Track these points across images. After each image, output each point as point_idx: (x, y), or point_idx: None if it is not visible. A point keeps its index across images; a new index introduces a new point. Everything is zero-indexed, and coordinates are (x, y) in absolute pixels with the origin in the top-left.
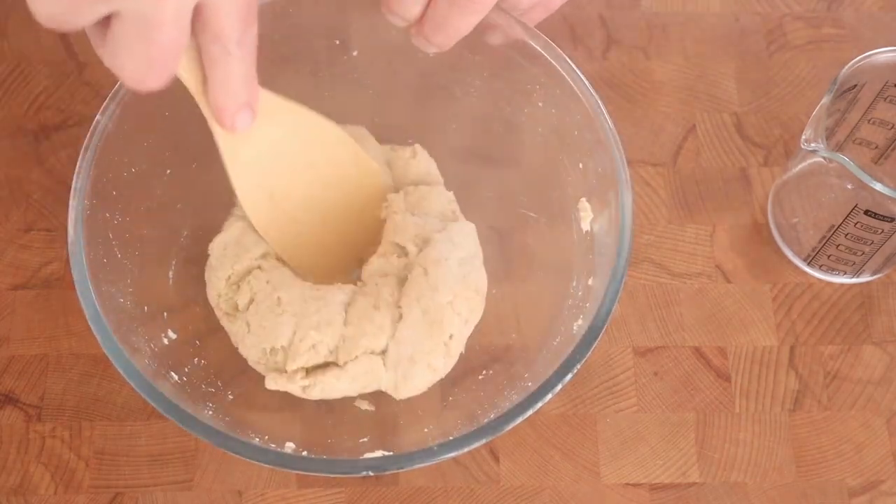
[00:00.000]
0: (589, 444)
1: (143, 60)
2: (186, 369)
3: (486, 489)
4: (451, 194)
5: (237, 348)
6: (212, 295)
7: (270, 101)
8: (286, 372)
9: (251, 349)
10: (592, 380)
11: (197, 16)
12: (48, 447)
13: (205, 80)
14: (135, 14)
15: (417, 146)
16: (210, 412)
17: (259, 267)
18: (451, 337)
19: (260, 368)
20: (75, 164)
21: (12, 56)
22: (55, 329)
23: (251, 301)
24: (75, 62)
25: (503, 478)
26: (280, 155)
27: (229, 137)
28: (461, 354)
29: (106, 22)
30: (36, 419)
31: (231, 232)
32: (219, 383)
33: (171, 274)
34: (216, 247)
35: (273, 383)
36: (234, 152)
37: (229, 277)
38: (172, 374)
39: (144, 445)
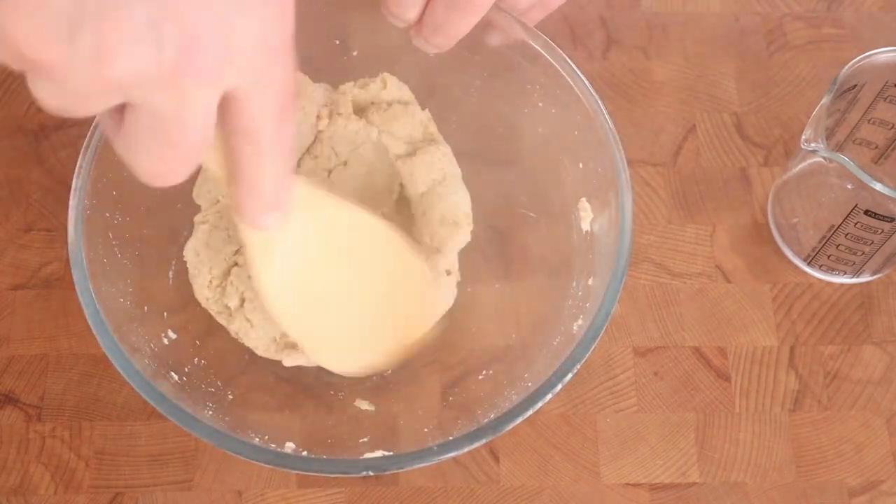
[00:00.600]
0: (589, 444)
1: (161, 159)
2: (186, 369)
3: (486, 489)
4: (426, 114)
5: (241, 342)
6: (200, 299)
7: (305, 194)
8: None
9: (259, 341)
10: (592, 380)
11: (224, 105)
12: (48, 447)
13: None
14: (153, 111)
15: (386, 74)
16: (210, 412)
17: (236, 264)
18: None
19: (270, 354)
20: (75, 164)
21: None
22: (55, 329)
23: (242, 300)
24: None
25: (503, 478)
26: (313, 251)
27: (257, 234)
28: (467, 349)
29: (120, 108)
30: (36, 419)
31: (199, 237)
32: (218, 383)
33: (171, 274)
34: (189, 253)
35: (292, 360)
36: (262, 249)
37: (210, 282)
38: (172, 374)
39: (144, 445)
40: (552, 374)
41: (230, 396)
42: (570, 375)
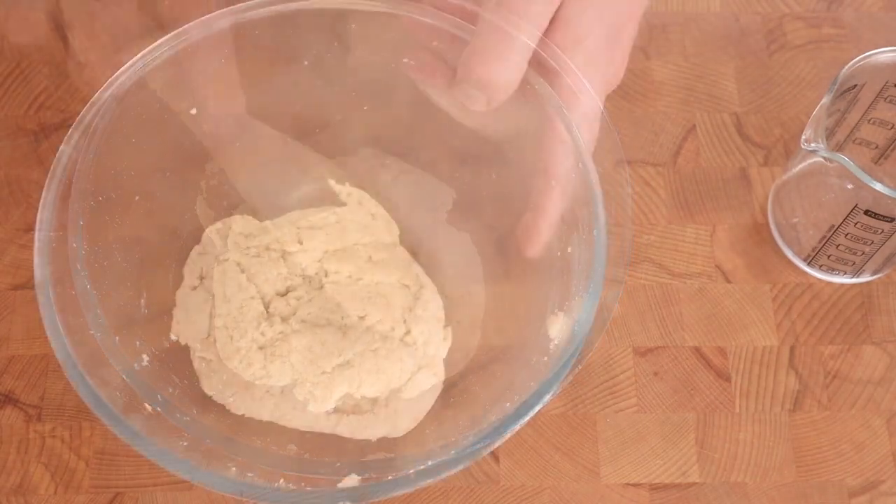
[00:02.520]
0: (589, 444)
1: None
2: (159, 398)
3: (486, 489)
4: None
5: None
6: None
7: None
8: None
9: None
10: (592, 380)
11: None
12: (48, 447)
13: None
14: None
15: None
16: (185, 443)
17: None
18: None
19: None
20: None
21: (12, 56)
22: None
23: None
24: (75, 62)
25: (503, 478)
26: None
27: None
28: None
29: None
30: (36, 419)
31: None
32: (194, 411)
33: (142, 302)
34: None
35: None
36: None
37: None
38: (146, 405)
39: None
40: (550, 377)
41: (205, 422)
42: (567, 378)
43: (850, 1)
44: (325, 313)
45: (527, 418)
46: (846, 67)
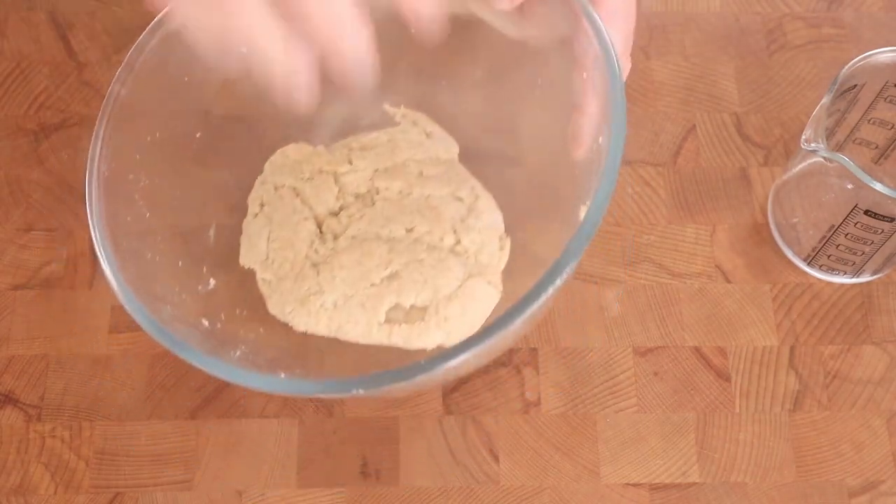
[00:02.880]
0: (589, 444)
1: None
2: (222, 316)
3: (485, 489)
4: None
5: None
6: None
7: None
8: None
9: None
10: (592, 380)
11: None
12: (48, 447)
13: None
14: None
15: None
16: (238, 353)
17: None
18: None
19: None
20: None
21: (12, 56)
22: (55, 329)
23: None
24: (75, 62)
25: (503, 478)
26: None
27: None
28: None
29: None
30: (36, 419)
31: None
32: (261, 330)
33: (211, 233)
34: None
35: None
36: None
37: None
38: (203, 321)
39: (144, 445)
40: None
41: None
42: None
43: (850, 1)
44: (375, 228)
45: (556, 283)
46: (846, 67)
